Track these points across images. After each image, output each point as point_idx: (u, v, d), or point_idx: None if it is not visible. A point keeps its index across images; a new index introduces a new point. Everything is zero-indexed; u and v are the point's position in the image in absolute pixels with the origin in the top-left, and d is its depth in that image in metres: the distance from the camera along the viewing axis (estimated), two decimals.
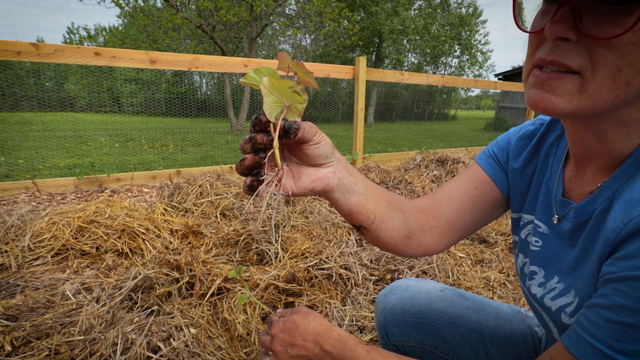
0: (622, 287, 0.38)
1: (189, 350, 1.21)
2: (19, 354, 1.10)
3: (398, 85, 13.76)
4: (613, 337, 0.39)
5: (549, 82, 0.44)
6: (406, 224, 0.68)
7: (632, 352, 0.37)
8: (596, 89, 0.41)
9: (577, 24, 0.40)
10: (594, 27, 0.40)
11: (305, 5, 12.37)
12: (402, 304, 0.89)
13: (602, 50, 0.40)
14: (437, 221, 0.72)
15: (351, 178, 0.60)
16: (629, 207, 0.41)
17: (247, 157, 0.51)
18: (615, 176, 0.48)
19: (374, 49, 21.48)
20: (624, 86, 0.41)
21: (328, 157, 0.56)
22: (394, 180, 2.89)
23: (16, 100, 8.86)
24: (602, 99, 0.42)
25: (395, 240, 0.67)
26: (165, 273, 1.49)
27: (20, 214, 1.99)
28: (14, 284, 1.54)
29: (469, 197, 0.71)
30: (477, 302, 0.87)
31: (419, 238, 0.71)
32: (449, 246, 0.74)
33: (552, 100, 0.44)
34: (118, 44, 15.84)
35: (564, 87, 0.43)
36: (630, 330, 0.37)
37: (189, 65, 3.22)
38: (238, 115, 11.41)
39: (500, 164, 0.71)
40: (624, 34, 0.37)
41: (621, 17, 0.38)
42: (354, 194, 0.60)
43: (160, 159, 6.14)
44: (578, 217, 0.53)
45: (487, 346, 0.81)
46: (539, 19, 0.47)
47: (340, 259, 1.73)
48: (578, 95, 0.43)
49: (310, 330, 0.62)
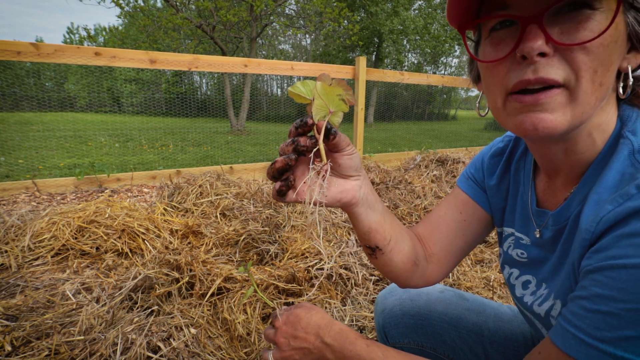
0: (598, 277, 0.40)
1: (189, 350, 1.21)
2: (19, 354, 1.10)
3: (398, 85, 13.76)
4: (593, 326, 0.40)
5: (540, 102, 0.44)
6: (414, 250, 0.69)
7: (612, 339, 0.38)
8: (584, 95, 0.43)
9: (549, 37, 0.42)
10: (564, 37, 0.42)
11: (305, 5, 12.36)
12: (401, 306, 0.89)
13: (579, 55, 0.42)
14: (433, 249, 0.73)
15: (373, 196, 0.62)
16: (598, 207, 0.43)
17: (278, 159, 0.52)
18: (584, 180, 0.50)
19: (374, 49, 21.47)
20: (599, 87, 0.43)
21: (357, 170, 0.58)
22: (394, 180, 2.89)
23: (16, 100, 8.85)
24: (589, 104, 0.44)
25: (405, 265, 0.68)
26: (165, 273, 1.49)
27: (20, 214, 1.99)
28: (14, 284, 1.54)
29: (456, 222, 0.72)
30: (477, 304, 0.87)
31: (423, 266, 0.72)
32: (448, 273, 0.75)
33: (549, 118, 0.44)
34: (118, 44, 15.83)
35: (555, 101, 0.44)
36: (609, 318, 0.39)
37: (189, 65, 3.23)
38: (238, 115, 11.41)
39: (478, 184, 0.73)
40: (595, 39, 0.40)
41: (583, 22, 0.41)
42: (375, 212, 0.61)
43: (160, 159, 6.14)
44: (556, 224, 0.55)
45: (487, 348, 0.81)
46: (494, 49, 0.48)
47: (340, 259, 1.73)
48: (569, 105, 0.44)
49: (312, 324, 0.64)
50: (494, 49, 0.48)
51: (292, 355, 0.64)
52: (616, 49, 0.43)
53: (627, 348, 0.37)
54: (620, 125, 0.48)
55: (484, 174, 0.72)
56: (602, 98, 0.44)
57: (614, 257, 0.39)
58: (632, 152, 0.44)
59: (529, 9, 0.43)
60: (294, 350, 0.64)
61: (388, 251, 0.65)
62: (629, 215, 0.39)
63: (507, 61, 0.46)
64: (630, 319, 0.37)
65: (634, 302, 0.37)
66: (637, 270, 0.37)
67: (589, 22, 0.41)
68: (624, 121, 0.48)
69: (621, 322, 0.38)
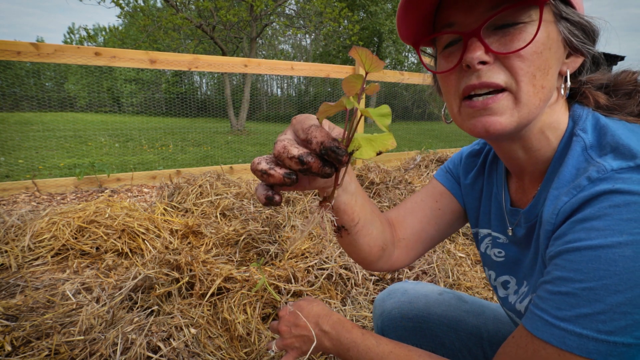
0: (558, 262, 0.44)
1: (189, 350, 1.21)
2: (19, 354, 1.10)
3: (398, 85, 13.75)
4: (555, 307, 0.43)
5: (488, 106, 0.49)
6: (382, 235, 0.68)
7: (571, 317, 0.41)
8: (526, 97, 0.48)
9: (487, 48, 0.48)
10: (501, 47, 0.48)
11: (305, 5, 12.36)
12: (400, 309, 0.89)
13: (515, 62, 0.47)
14: (404, 234, 0.74)
15: (347, 177, 0.57)
16: (555, 200, 0.48)
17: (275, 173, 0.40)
18: (547, 178, 0.54)
19: (374, 49, 21.47)
20: (541, 89, 0.48)
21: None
22: (394, 180, 2.89)
23: (16, 100, 8.86)
24: (532, 105, 0.49)
25: (371, 249, 0.66)
26: (165, 273, 1.49)
27: (20, 214, 1.99)
28: (14, 284, 1.54)
29: (431, 209, 0.75)
30: (477, 306, 0.87)
31: (390, 251, 0.71)
32: (414, 260, 0.76)
33: (498, 120, 0.49)
34: (118, 44, 15.83)
35: (501, 104, 0.49)
36: (568, 298, 0.42)
37: (189, 65, 3.22)
38: (238, 115, 11.41)
39: (455, 179, 0.77)
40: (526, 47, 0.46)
41: (516, 34, 0.47)
42: (346, 193, 0.57)
43: (160, 159, 6.14)
44: (527, 221, 0.58)
45: (486, 350, 0.81)
46: (446, 61, 0.54)
47: (340, 259, 1.73)
48: (515, 107, 0.49)
49: (312, 313, 0.70)
50: (445, 61, 0.54)
51: (293, 342, 0.70)
52: (552, 54, 0.48)
53: (585, 325, 0.40)
54: (573, 124, 0.52)
55: (460, 172, 0.76)
56: (546, 99, 0.49)
57: (569, 242, 0.43)
58: (585, 148, 0.48)
59: (469, 25, 0.49)
60: (294, 338, 0.69)
61: (354, 232, 0.62)
62: (582, 204, 0.43)
63: (457, 71, 0.52)
64: (586, 297, 0.40)
65: (588, 281, 0.40)
66: (589, 251, 0.40)
67: (522, 34, 0.47)
68: (575, 120, 0.52)
69: (578, 300, 0.41)
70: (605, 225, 0.40)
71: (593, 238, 0.40)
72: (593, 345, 0.40)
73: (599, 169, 0.44)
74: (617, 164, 0.43)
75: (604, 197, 0.41)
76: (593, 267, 0.40)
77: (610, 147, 0.46)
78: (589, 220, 0.42)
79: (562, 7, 0.49)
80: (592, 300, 0.40)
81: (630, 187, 0.40)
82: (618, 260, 0.39)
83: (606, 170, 0.43)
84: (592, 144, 0.48)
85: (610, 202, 0.40)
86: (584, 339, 0.40)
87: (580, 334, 0.40)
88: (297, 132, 0.43)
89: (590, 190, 0.43)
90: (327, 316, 0.69)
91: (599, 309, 0.39)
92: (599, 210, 0.41)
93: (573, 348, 0.41)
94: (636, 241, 0.38)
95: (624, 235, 0.39)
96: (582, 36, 0.50)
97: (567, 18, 0.49)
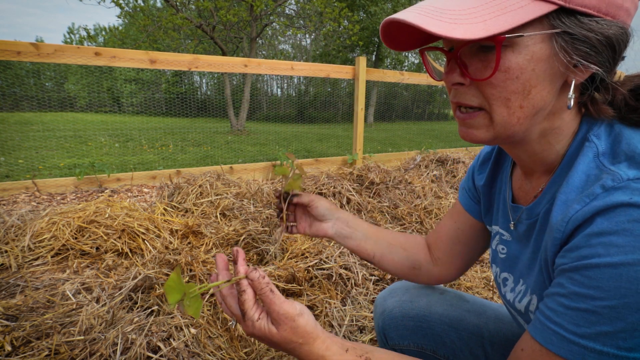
0: (575, 277, 0.43)
1: (189, 350, 1.21)
2: (19, 354, 1.10)
3: (398, 85, 13.75)
4: (573, 322, 0.42)
5: (465, 122, 0.52)
6: (409, 258, 0.83)
7: (591, 334, 0.41)
8: (500, 119, 0.49)
9: (463, 71, 0.49)
10: (477, 72, 0.48)
11: (305, 5, 12.35)
12: (401, 308, 0.89)
13: (487, 88, 0.48)
14: (438, 254, 0.83)
15: (349, 229, 0.82)
16: (566, 207, 0.47)
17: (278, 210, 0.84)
18: (552, 180, 0.54)
19: (374, 49, 21.48)
20: (519, 109, 0.48)
21: (326, 215, 0.82)
22: (394, 180, 2.89)
23: (16, 100, 8.86)
24: (509, 124, 0.49)
25: (402, 268, 0.83)
26: (165, 273, 1.49)
27: (20, 214, 1.99)
28: (14, 284, 1.54)
29: (452, 230, 0.81)
30: (478, 305, 0.87)
31: (427, 269, 0.83)
32: (459, 275, 0.84)
33: (475, 133, 0.52)
34: (118, 44, 15.82)
35: (478, 122, 0.51)
36: (587, 315, 0.41)
37: (189, 65, 3.22)
38: (238, 115, 11.40)
39: (469, 192, 0.79)
40: (492, 75, 0.46)
41: (488, 60, 0.46)
42: (351, 240, 0.82)
43: (160, 159, 6.14)
44: (529, 218, 0.58)
45: (487, 350, 0.81)
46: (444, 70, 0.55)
47: (340, 259, 1.73)
48: (491, 126, 0.50)
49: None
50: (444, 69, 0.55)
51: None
52: (536, 74, 0.46)
53: (606, 342, 0.40)
54: (587, 129, 0.51)
55: (476, 176, 0.77)
56: (528, 116, 0.48)
57: (587, 257, 0.42)
58: (597, 154, 0.47)
59: (455, 44, 0.51)
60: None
61: (376, 262, 0.83)
62: (595, 214, 0.42)
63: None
64: (607, 315, 0.40)
65: (609, 299, 0.39)
66: (609, 269, 0.39)
67: (492, 61, 0.46)
68: (590, 125, 0.51)
69: (599, 318, 0.40)
70: (625, 242, 0.39)
71: (613, 255, 0.39)
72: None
73: (614, 177, 0.42)
74: (633, 174, 0.41)
75: (621, 210, 0.40)
76: (615, 285, 0.39)
77: (625, 155, 0.45)
78: (607, 234, 0.40)
79: (564, 19, 0.43)
80: (614, 319, 0.39)
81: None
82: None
83: (622, 179, 0.42)
84: (604, 151, 0.47)
85: (629, 217, 0.39)
86: (604, 356, 0.40)
87: (600, 351, 0.40)
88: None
89: (604, 200, 0.41)
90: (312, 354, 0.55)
91: (620, 327, 0.39)
92: (617, 225, 0.40)
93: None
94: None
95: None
96: (588, 49, 0.45)
97: (568, 32, 0.44)
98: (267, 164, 3.84)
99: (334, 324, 1.44)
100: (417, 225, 2.39)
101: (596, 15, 0.43)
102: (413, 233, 2.27)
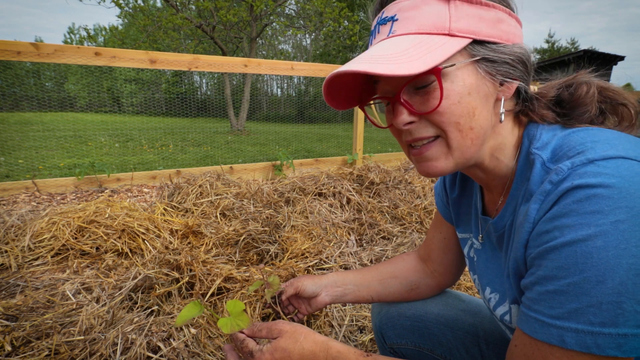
0: (539, 262, 0.46)
1: (189, 350, 1.21)
2: (19, 354, 1.10)
3: None
4: (547, 306, 0.44)
5: (423, 155, 0.55)
6: (404, 283, 0.89)
7: (563, 314, 0.43)
8: (456, 143, 0.53)
9: (410, 110, 0.53)
10: (422, 107, 0.52)
11: (305, 5, 12.35)
12: (397, 307, 0.90)
13: (437, 117, 0.52)
14: (433, 266, 0.88)
15: (339, 289, 0.88)
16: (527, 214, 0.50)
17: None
18: (512, 194, 0.58)
19: None
20: (469, 131, 0.52)
21: (315, 291, 0.87)
22: (394, 180, 2.89)
23: (16, 100, 8.86)
24: (465, 147, 0.53)
25: (402, 295, 0.89)
26: (165, 273, 1.49)
27: (20, 214, 1.99)
28: (14, 284, 1.54)
29: (440, 240, 0.85)
30: (473, 305, 0.88)
31: (426, 283, 0.88)
32: (455, 279, 0.89)
33: (435, 165, 0.55)
34: (118, 44, 15.82)
35: (436, 151, 0.55)
36: (557, 296, 0.43)
37: (189, 65, 3.22)
38: (238, 115, 11.41)
39: (444, 201, 0.82)
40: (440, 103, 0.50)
41: (430, 92, 0.51)
42: (347, 296, 0.89)
43: (160, 159, 6.14)
44: (496, 230, 0.62)
45: (483, 348, 0.81)
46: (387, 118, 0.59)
47: (340, 259, 1.73)
48: (449, 152, 0.54)
49: (306, 353, 0.61)
50: (387, 116, 0.59)
51: None
52: (473, 97, 0.51)
53: (578, 319, 0.41)
54: (529, 144, 0.56)
55: (448, 187, 0.80)
56: (478, 137, 0.53)
57: (546, 242, 0.45)
58: (543, 163, 0.51)
59: (392, 92, 0.55)
60: None
61: (377, 300, 0.90)
62: (551, 207, 0.46)
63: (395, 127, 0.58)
64: (573, 292, 0.42)
65: (570, 276, 0.42)
66: (565, 247, 0.43)
67: (435, 92, 0.51)
68: (530, 139, 0.56)
69: (567, 297, 0.42)
70: (573, 221, 0.42)
71: (566, 234, 0.43)
72: (590, 339, 0.41)
73: (557, 172, 0.47)
74: (571, 162, 0.46)
75: (566, 195, 0.44)
76: (572, 262, 0.42)
77: (564, 154, 0.49)
78: (558, 218, 0.44)
79: (479, 48, 0.51)
80: (579, 294, 0.41)
81: (587, 181, 0.42)
82: (592, 252, 0.40)
83: (563, 170, 0.46)
84: (548, 158, 0.52)
85: (573, 198, 0.43)
86: (580, 333, 0.41)
87: (575, 329, 0.42)
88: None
89: (555, 192, 0.45)
90: (325, 351, 0.61)
91: (587, 302, 0.41)
92: (564, 207, 0.44)
93: (573, 345, 0.42)
94: (603, 232, 0.40)
95: (592, 228, 0.41)
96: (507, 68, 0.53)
97: (486, 57, 0.52)
98: (267, 164, 3.85)
99: (334, 324, 1.44)
100: (417, 225, 2.39)
101: (500, 42, 0.52)
102: (410, 233, 2.27)
